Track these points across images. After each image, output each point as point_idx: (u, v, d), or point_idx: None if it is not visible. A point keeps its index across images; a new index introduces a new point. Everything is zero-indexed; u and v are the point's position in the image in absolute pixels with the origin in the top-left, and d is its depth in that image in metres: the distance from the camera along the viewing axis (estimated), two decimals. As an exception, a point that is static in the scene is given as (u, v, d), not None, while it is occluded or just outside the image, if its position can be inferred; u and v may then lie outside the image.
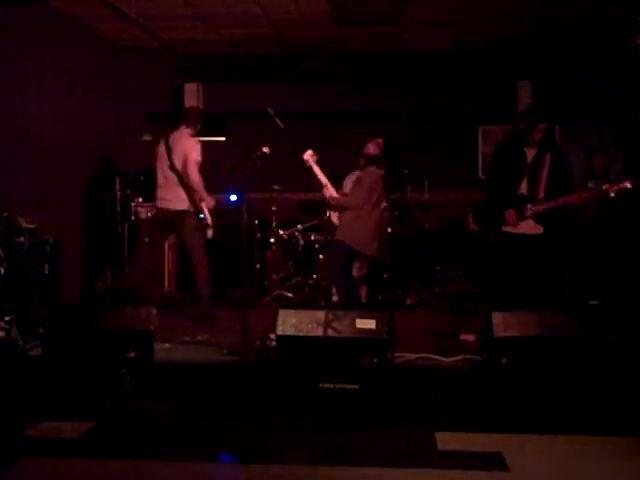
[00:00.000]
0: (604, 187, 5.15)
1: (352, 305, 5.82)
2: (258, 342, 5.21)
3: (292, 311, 4.70)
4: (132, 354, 4.49)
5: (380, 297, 7.02)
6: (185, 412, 4.37)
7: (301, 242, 7.50)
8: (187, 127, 6.35)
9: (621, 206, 6.71)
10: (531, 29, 7.54)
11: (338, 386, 4.19)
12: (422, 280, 7.45)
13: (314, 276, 7.30)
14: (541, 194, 5.36)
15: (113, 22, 7.37)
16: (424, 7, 6.85)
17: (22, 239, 5.30)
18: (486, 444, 3.81)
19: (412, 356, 4.96)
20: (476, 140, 8.92)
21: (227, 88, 8.79)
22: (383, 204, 6.46)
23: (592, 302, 6.53)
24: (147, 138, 7.99)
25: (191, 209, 6.21)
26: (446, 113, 8.68)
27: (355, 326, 4.50)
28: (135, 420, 4.25)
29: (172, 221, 6.30)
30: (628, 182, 5.06)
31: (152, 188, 6.64)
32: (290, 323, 4.58)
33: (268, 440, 3.93)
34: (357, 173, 6.32)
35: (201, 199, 6.24)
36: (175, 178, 6.21)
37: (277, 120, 6.71)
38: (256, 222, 7.92)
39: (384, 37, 7.94)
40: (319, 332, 4.51)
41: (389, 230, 7.21)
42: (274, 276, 7.75)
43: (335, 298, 6.44)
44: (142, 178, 7.68)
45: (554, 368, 4.34)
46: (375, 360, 4.38)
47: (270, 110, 6.68)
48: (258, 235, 7.92)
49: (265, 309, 6.42)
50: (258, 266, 7.82)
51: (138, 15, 7.21)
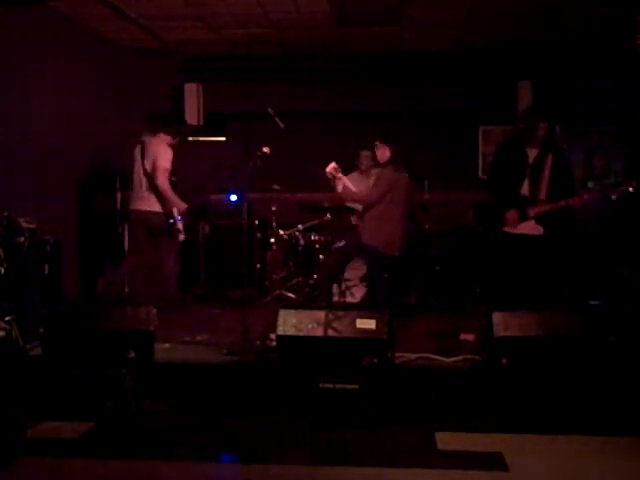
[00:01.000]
0: (608, 192, 5.14)
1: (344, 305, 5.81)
2: (258, 342, 5.21)
3: (292, 311, 4.69)
4: (132, 354, 4.49)
5: (380, 297, 7.01)
6: (185, 412, 4.38)
7: (301, 242, 7.49)
8: (165, 134, 6.49)
9: (621, 206, 6.72)
10: (531, 29, 7.54)
11: (338, 386, 4.19)
12: (422, 280, 7.45)
13: (314, 276, 7.29)
14: (542, 195, 5.35)
15: (113, 22, 7.37)
16: (424, 7, 6.85)
17: (22, 239, 5.30)
18: (486, 444, 3.81)
19: (412, 356, 4.96)
20: (476, 140, 8.92)
21: (227, 88, 8.79)
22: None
23: (592, 302, 6.53)
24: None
25: (161, 211, 6.30)
26: (446, 113, 8.68)
27: (355, 326, 4.50)
28: (135, 420, 4.25)
29: (144, 221, 6.39)
30: (631, 186, 5.05)
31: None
32: (290, 323, 4.57)
33: (268, 440, 3.93)
34: (375, 171, 6.21)
35: (172, 204, 6.27)
36: (146, 181, 6.33)
37: (277, 120, 6.70)
38: (256, 222, 7.92)
39: (384, 37, 7.94)
40: (319, 332, 4.51)
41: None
42: (274, 276, 7.75)
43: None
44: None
45: (554, 368, 4.33)
46: (375, 360, 4.38)
47: (270, 110, 6.67)
48: (258, 235, 7.92)
49: (265, 309, 6.42)
50: (258, 266, 7.82)
51: (138, 15, 7.21)
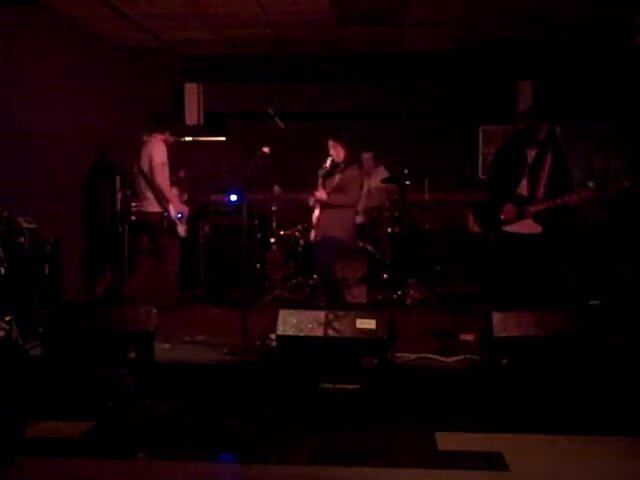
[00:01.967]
0: (605, 188, 5.15)
1: (344, 305, 5.81)
2: (258, 342, 5.21)
3: (292, 311, 4.70)
4: (132, 354, 4.49)
5: (380, 297, 7.02)
6: (185, 412, 4.37)
7: (301, 242, 7.49)
8: (159, 133, 6.43)
9: (621, 206, 6.72)
10: (531, 29, 7.53)
11: (338, 386, 4.19)
12: (422, 280, 7.45)
13: (314, 276, 7.29)
14: (540, 194, 5.36)
15: (113, 22, 7.37)
16: (424, 7, 6.84)
17: (22, 239, 5.30)
18: (486, 444, 3.81)
19: (412, 356, 4.96)
20: (476, 140, 8.92)
21: (227, 88, 8.79)
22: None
23: (592, 302, 6.53)
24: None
25: (161, 210, 6.22)
26: (446, 113, 8.68)
27: (355, 326, 4.50)
28: (135, 420, 4.25)
29: (146, 222, 6.35)
30: (627, 180, 5.06)
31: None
32: (290, 323, 4.58)
33: (268, 440, 3.93)
34: (338, 176, 6.10)
35: (168, 200, 6.20)
36: (144, 182, 6.26)
37: (277, 120, 6.71)
38: (256, 222, 7.92)
39: (384, 37, 7.93)
40: (319, 332, 4.52)
41: (389, 230, 7.22)
42: (274, 276, 7.75)
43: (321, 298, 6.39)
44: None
45: (554, 368, 4.34)
46: (375, 360, 4.38)
47: (270, 110, 6.68)
48: (258, 235, 7.92)
49: (265, 309, 6.42)
50: (258, 266, 7.82)
51: (138, 15, 7.21)
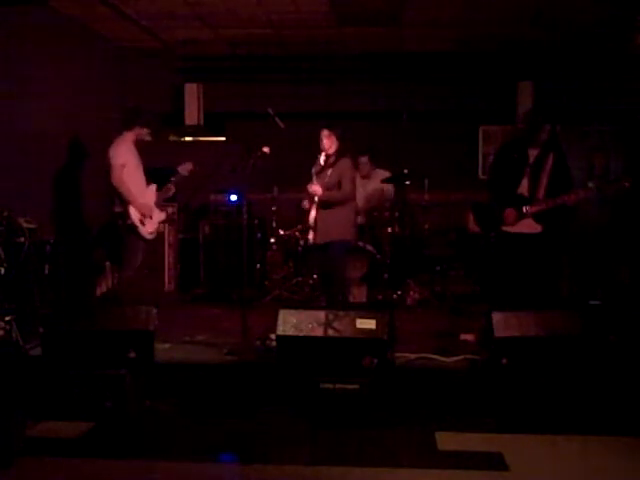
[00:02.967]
0: (604, 189, 5.15)
1: (344, 305, 5.78)
2: (258, 342, 5.21)
3: (292, 311, 4.70)
4: (132, 354, 4.49)
5: (380, 297, 7.02)
6: (185, 412, 4.38)
7: (301, 242, 7.49)
8: (129, 130, 6.18)
9: (621, 206, 6.72)
10: (531, 29, 7.54)
11: (338, 386, 4.19)
12: (422, 280, 7.45)
13: (314, 276, 7.30)
14: (541, 193, 5.37)
15: (113, 22, 7.37)
16: (424, 7, 6.85)
17: (22, 239, 5.30)
18: (486, 444, 3.81)
19: (412, 356, 4.96)
20: (476, 140, 8.92)
21: (227, 88, 8.79)
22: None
23: (592, 302, 6.53)
24: (147, 138, 7.97)
25: (120, 211, 6.09)
26: (446, 113, 8.68)
27: (355, 326, 4.50)
28: (135, 420, 4.25)
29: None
30: (627, 181, 5.06)
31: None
32: (290, 323, 4.58)
33: (268, 440, 3.93)
34: (330, 170, 5.93)
35: (127, 202, 6.00)
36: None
37: (277, 120, 6.69)
38: (256, 222, 7.92)
39: (384, 37, 7.93)
40: (319, 332, 4.51)
41: (389, 230, 7.22)
42: (274, 276, 7.75)
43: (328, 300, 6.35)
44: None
45: (554, 368, 4.34)
46: (375, 360, 4.38)
47: (270, 110, 6.66)
48: (258, 235, 7.92)
49: (265, 309, 6.42)
50: (258, 266, 7.82)
51: (138, 15, 7.21)
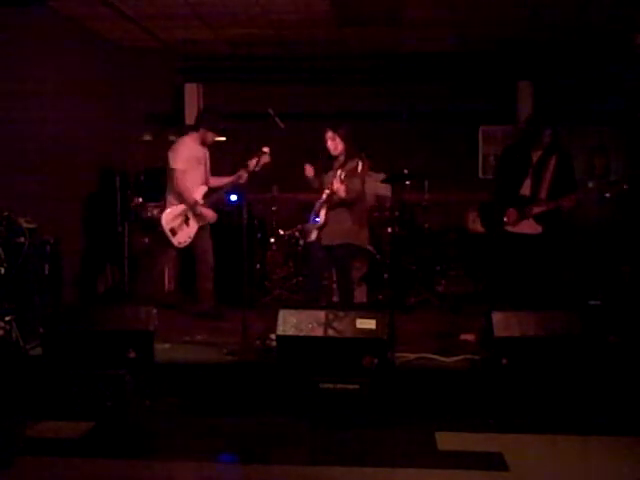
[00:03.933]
0: (603, 190, 5.16)
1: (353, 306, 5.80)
2: (258, 342, 5.21)
3: (292, 311, 4.69)
4: (132, 354, 4.49)
5: (380, 297, 7.02)
6: (185, 412, 4.38)
7: (301, 242, 7.49)
8: (193, 131, 6.42)
9: (621, 206, 6.72)
10: (531, 29, 7.54)
11: (338, 386, 4.19)
12: (422, 280, 7.45)
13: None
14: (543, 194, 5.39)
15: (113, 22, 7.37)
16: (424, 7, 6.85)
17: (22, 239, 5.29)
18: (486, 444, 3.81)
19: (412, 356, 4.96)
20: (476, 140, 8.91)
21: (227, 88, 8.78)
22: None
23: (592, 302, 6.53)
24: (147, 138, 7.98)
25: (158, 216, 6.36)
26: (446, 113, 8.68)
27: (355, 326, 4.50)
28: (135, 420, 4.25)
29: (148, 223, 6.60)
30: (625, 184, 5.07)
31: (152, 188, 6.65)
32: (290, 323, 4.58)
33: (268, 440, 3.93)
34: (340, 170, 5.71)
35: (187, 203, 6.23)
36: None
37: (277, 120, 6.69)
38: (256, 222, 7.92)
39: (384, 37, 7.94)
40: (319, 332, 4.51)
41: (389, 230, 7.21)
42: (274, 276, 7.75)
43: (335, 299, 6.39)
44: (142, 178, 7.67)
45: (554, 368, 4.34)
46: (375, 360, 4.38)
47: (270, 110, 6.67)
48: (258, 235, 7.92)
49: (265, 309, 6.42)
50: (258, 266, 7.82)
51: (138, 15, 7.21)
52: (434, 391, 4.49)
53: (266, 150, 5.75)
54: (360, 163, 5.71)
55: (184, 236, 6.20)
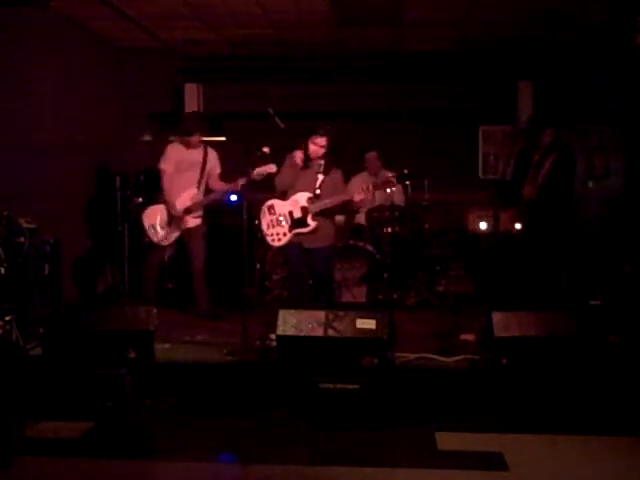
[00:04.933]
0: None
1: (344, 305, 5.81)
2: (258, 342, 5.21)
3: (292, 311, 4.69)
4: (132, 354, 4.49)
5: (380, 297, 7.02)
6: (185, 412, 4.38)
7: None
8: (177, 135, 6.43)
9: (621, 206, 6.73)
10: (531, 29, 7.54)
11: (338, 386, 4.19)
12: (422, 280, 7.45)
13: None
14: (534, 195, 5.47)
15: (113, 22, 7.38)
16: (424, 7, 6.85)
17: (22, 239, 5.30)
18: (486, 444, 3.81)
19: (412, 356, 4.96)
20: (476, 140, 8.91)
21: (227, 88, 8.78)
22: None
23: (592, 302, 6.54)
24: (147, 138, 7.99)
25: None
26: (446, 113, 8.68)
27: (355, 326, 4.50)
28: (135, 420, 4.25)
29: None
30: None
31: (152, 188, 6.65)
32: (290, 323, 4.58)
33: (268, 440, 3.93)
34: (323, 177, 5.81)
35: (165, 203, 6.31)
36: None
37: (277, 120, 6.70)
38: (256, 222, 7.91)
39: (384, 37, 7.94)
40: (319, 332, 4.51)
41: (389, 230, 7.21)
42: (274, 276, 7.74)
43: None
44: (142, 178, 7.67)
45: (554, 368, 4.34)
46: (375, 360, 4.38)
47: (270, 110, 6.67)
48: (258, 235, 7.91)
49: (265, 309, 6.42)
50: (258, 266, 7.81)
51: (138, 15, 7.21)
52: (434, 391, 4.49)
53: (266, 150, 5.75)
54: (340, 172, 5.84)
55: (164, 234, 6.22)
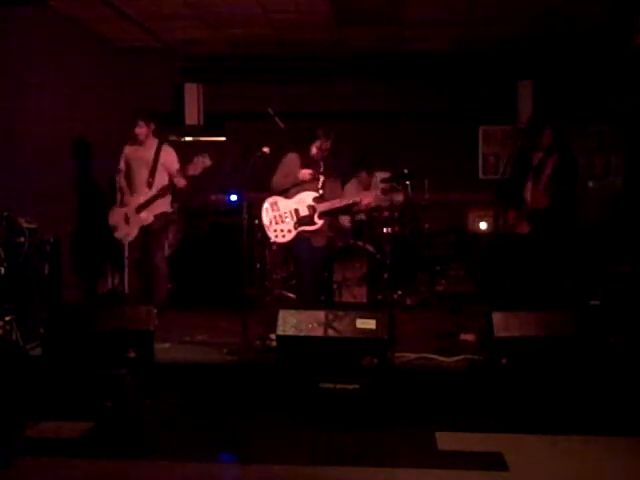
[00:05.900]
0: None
1: (344, 305, 5.85)
2: (258, 342, 5.22)
3: (292, 311, 4.69)
4: (132, 354, 4.49)
5: (380, 297, 7.02)
6: (185, 412, 4.37)
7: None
8: None
9: (621, 206, 6.73)
10: (531, 29, 7.54)
11: (338, 386, 4.19)
12: (422, 280, 7.45)
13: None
14: (540, 197, 5.45)
15: (113, 22, 7.38)
16: (424, 7, 6.85)
17: (22, 239, 5.30)
18: (486, 444, 3.81)
19: (412, 356, 4.97)
20: (476, 140, 8.91)
21: (227, 88, 8.79)
22: None
23: (592, 302, 6.54)
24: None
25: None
26: (446, 113, 8.68)
27: (355, 326, 4.50)
28: (135, 420, 4.24)
29: None
30: None
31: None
32: (290, 323, 4.58)
33: (268, 440, 3.93)
34: (337, 179, 6.06)
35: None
36: None
37: (277, 120, 6.69)
38: (256, 222, 7.91)
39: (384, 37, 7.94)
40: (319, 332, 4.52)
41: (389, 230, 7.22)
42: (274, 276, 7.74)
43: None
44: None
45: (554, 368, 4.34)
46: (375, 360, 4.38)
47: (270, 110, 6.67)
48: (258, 235, 7.92)
49: (265, 309, 6.42)
50: (258, 266, 7.82)
51: (138, 15, 7.21)
52: (434, 391, 4.49)
53: (266, 150, 5.75)
54: (339, 177, 6.00)
55: (123, 232, 6.30)
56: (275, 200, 5.87)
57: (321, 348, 4.48)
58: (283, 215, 5.80)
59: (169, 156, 6.36)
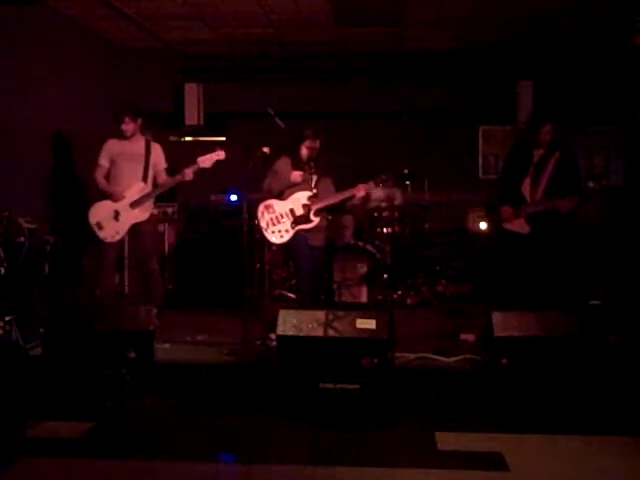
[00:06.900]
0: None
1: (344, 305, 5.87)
2: (258, 342, 5.21)
3: (292, 311, 4.70)
4: (132, 354, 4.49)
5: (380, 297, 7.02)
6: (185, 412, 4.37)
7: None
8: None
9: (621, 206, 6.73)
10: (531, 29, 7.54)
11: (338, 386, 4.19)
12: (422, 280, 7.45)
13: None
14: (539, 195, 5.43)
15: (113, 22, 7.38)
16: (425, 7, 6.85)
17: (22, 239, 5.30)
18: (486, 444, 3.81)
19: (412, 356, 4.96)
20: (476, 140, 8.91)
21: (227, 88, 8.78)
22: None
23: (592, 302, 6.54)
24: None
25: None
26: (446, 113, 8.68)
27: (355, 326, 4.50)
28: (135, 420, 4.25)
29: None
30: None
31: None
32: (290, 323, 4.58)
33: (268, 440, 3.93)
34: (328, 178, 6.04)
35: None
36: None
37: (277, 120, 6.69)
38: (256, 222, 7.91)
39: (384, 37, 7.94)
40: (319, 332, 4.52)
41: (389, 230, 7.22)
42: (274, 276, 7.74)
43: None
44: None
45: (554, 368, 4.34)
46: (375, 360, 4.38)
47: (270, 110, 6.67)
48: (258, 235, 7.91)
49: (265, 309, 6.42)
50: (258, 266, 7.81)
51: (138, 15, 7.21)
52: (434, 391, 4.49)
53: (266, 150, 5.75)
54: (330, 177, 6.02)
55: (111, 231, 5.92)
56: (270, 203, 5.93)
57: (321, 348, 4.48)
58: (279, 216, 5.87)
59: (158, 153, 6.13)
